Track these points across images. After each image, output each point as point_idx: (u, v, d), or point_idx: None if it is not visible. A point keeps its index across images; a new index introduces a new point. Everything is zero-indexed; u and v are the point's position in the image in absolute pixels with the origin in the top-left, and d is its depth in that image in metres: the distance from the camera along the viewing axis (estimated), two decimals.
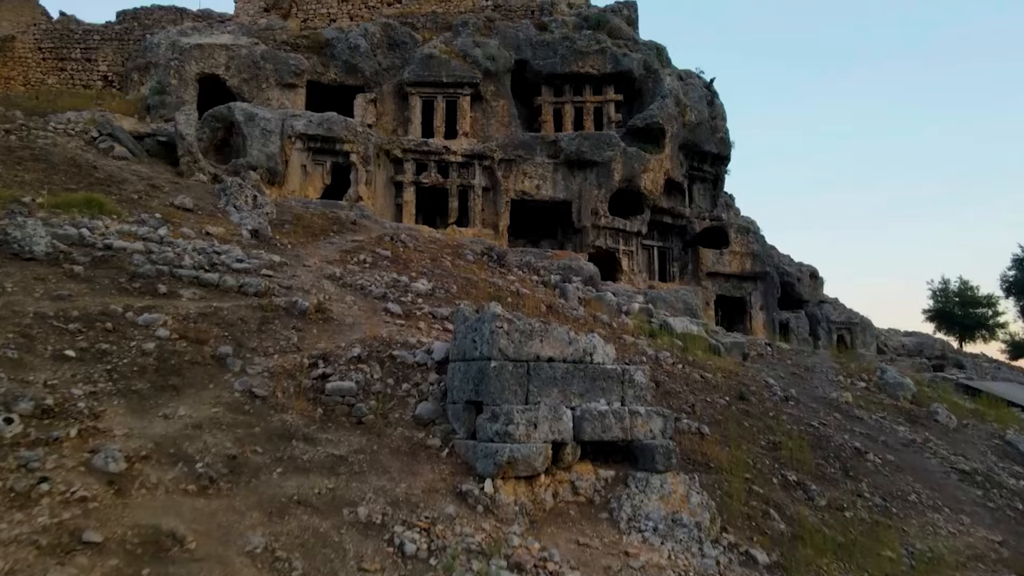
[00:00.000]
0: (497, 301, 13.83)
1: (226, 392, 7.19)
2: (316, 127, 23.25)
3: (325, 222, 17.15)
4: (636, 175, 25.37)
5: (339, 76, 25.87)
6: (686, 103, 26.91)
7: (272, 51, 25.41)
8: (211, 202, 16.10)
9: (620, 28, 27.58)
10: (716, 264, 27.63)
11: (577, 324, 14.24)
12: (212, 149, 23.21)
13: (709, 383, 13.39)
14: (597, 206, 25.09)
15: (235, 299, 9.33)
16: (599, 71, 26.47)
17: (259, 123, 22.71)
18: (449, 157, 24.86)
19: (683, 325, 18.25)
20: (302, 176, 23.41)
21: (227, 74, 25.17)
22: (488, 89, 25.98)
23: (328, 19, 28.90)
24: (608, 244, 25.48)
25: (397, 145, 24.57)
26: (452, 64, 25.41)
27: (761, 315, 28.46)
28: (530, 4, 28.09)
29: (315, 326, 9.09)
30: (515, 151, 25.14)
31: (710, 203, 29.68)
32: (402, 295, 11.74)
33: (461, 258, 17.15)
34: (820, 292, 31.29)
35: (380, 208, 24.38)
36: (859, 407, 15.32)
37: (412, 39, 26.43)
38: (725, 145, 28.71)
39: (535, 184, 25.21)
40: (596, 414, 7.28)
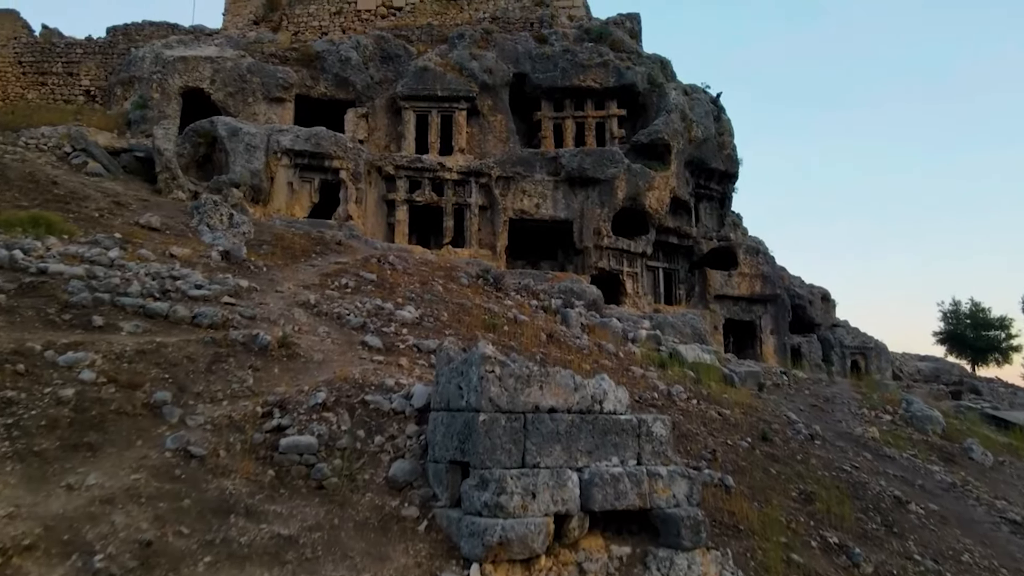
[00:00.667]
0: (493, 329, 12.54)
1: (155, 451, 5.86)
2: (303, 142, 22.06)
3: (307, 242, 15.89)
4: (640, 193, 24.16)
5: (329, 90, 24.74)
6: (692, 118, 25.77)
7: (259, 64, 24.30)
8: (183, 221, 14.85)
9: (623, 41, 26.51)
10: (724, 286, 26.35)
11: (581, 355, 12.94)
12: (194, 165, 22.01)
13: (728, 421, 12.07)
14: (600, 226, 23.84)
15: (185, 332, 8.03)
16: (601, 85, 25.36)
17: (243, 138, 21.53)
18: (444, 174, 23.66)
19: (694, 353, 16.94)
20: (288, 194, 22.17)
21: (212, 88, 24.03)
22: (485, 103, 24.84)
23: (320, 32, 27.86)
24: (611, 266, 24.21)
25: (389, 162, 23.38)
26: (448, 77, 24.28)
27: (772, 340, 27.13)
28: (529, 16, 27.05)
29: (277, 364, 7.77)
30: (513, 168, 23.95)
31: (717, 222, 28.46)
32: (384, 325, 10.44)
33: (454, 281, 15.86)
34: (832, 315, 30.00)
35: (371, 228, 23.14)
36: (888, 444, 14.02)
37: (406, 52, 25.34)
38: (732, 162, 27.55)
39: (534, 203, 23.99)
40: (608, 477, 5.95)
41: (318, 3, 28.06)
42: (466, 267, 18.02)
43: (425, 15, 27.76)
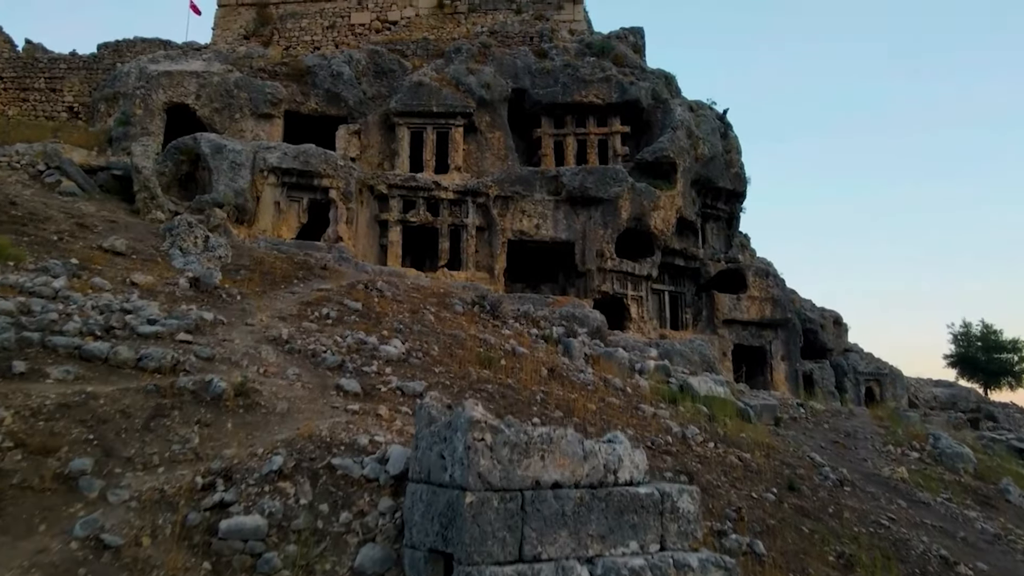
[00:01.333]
0: (488, 364, 11.34)
1: (58, 541, 4.67)
2: (291, 160, 20.98)
3: (290, 267, 14.73)
4: (645, 213, 23.06)
5: (320, 106, 23.72)
6: (698, 135, 24.73)
7: (247, 79, 23.30)
8: (153, 244, 13.70)
9: (626, 55, 25.54)
10: (733, 310, 25.18)
11: (586, 392, 11.74)
12: (176, 184, 20.92)
13: (749, 468, 10.86)
14: (603, 247, 22.72)
15: (125, 379, 6.85)
16: (604, 101, 24.34)
17: (227, 155, 20.45)
18: (439, 193, 22.57)
19: (706, 386, 15.73)
20: (275, 214, 21.06)
21: (197, 103, 23.01)
22: (483, 120, 23.81)
23: (312, 46, 26.91)
24: (615, 289, 23.05)
25: (382, 180, 22.29)
26: (443, 93, 23.27)
27: (783, 366, 25.92)
28: (528, 31, 26.10)
29: (231, 418, 6.59)
30: (512, 187, 22.86)
31: (724, 243, 27.36)
32: (366, 363, 9.25)
33: (448, 309, 14.69)
34: (844, 339, 28.81)
35: (362, 249, 22.00)
36: (919, 486, 12.81)
37: (401, 67, 24.36)
38: (741, 181, 26.49)
39: (534, 223, 22.87)
40: (627, 572, 4.76)
41: (310, 17, 27.13)
42: (461, 293, 16.87)
43: (421, 29, 26.82)
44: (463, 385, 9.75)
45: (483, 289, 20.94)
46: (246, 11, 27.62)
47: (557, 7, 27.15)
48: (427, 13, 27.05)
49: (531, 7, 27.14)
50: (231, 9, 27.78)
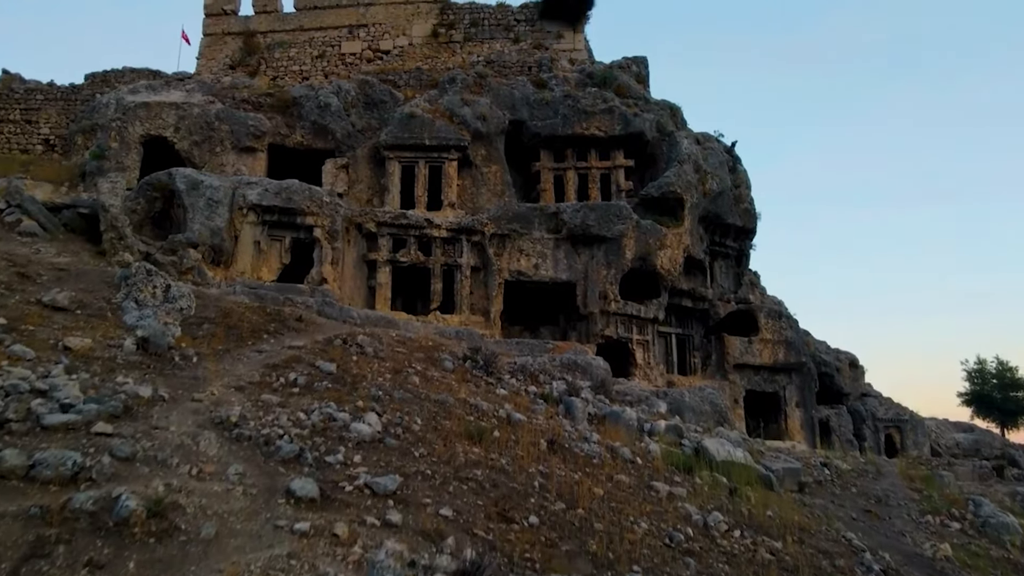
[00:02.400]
0: (479, 440, 9.81)
1: None
2: (273, 197, 19.62)
3: (260, 320, 13.25)
4: (651, 252, 21.65)
5: (306, 139, 22.43)
6: (706, 169, 23.42)
7: (229, 110, 22.03)
8: (105, 296, 12.23)
9: (629, 86, 24.33)
10: (745, 354, 23.66)
11: (591, 469, 10.18)
12: (148, 222, 19.54)
13: (784, 565, 9.26)
14: (606, 289, 21.27)
15: (6, 498, 5.34)
16: (606, 133, 23.07)
17: (204, 192, 19.08)
18: (432, 231, 21.17)
19: (723, 450, 14.15)
20: (255, 254, 19.64)
21: (175, 136, 21.73)
22: (478, 153, 22.51)
23: (300, 77, 25.71)
24: (619, 333, 21.57)
25: (370, 217, 20.91)
26: (437, 125, 21.98)
27: (798, 413, 24.33)
28: (527, 60, 24.92)
29: (136, 552, 5.05)
30: (509, 224, 21.48)
31: (733, 282, 25.93)
32: (331, 449, 7.73)
33: (436, 366, 13.20)
34: (861, 383, 27.26)
35: (349, 291, 20.56)
36: (966, 566, 11.22)
37: (392, 97, 23.11)
38: (750, 217, 25.14)
39: (533, 263, 21.44)
40: None
41: (299, 47, 25.98)
42: (452, 345, 15.40)
43: (415, 59, 25.65)
44: (447, 473, 8.22)
45: (476, 338, 19.46)
46: (232, 40, 26.49)
47: (557, 36, 26.02)
48: (421, 42, 25.91)
49: (529, 36, 26.01)
50: (217, 38, 26.65)
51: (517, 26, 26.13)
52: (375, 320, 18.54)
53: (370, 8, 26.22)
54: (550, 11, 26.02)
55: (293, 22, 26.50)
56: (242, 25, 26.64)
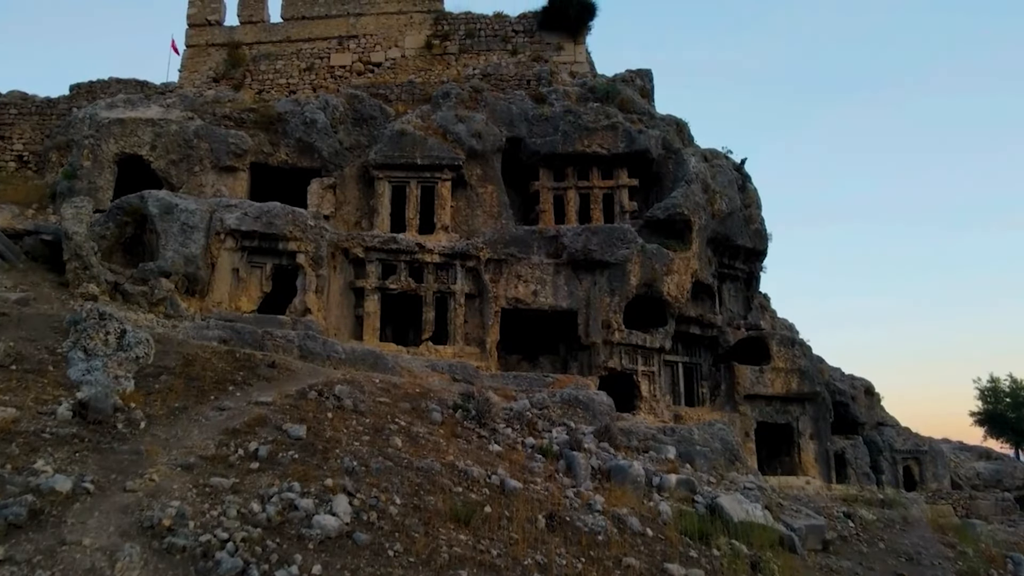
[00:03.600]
0: (467, 522, 8.50)
1: None
2: (252, 221, 18.32)
3: (228, 367, 11.92)
4: (657, 278, 20.35)
5: (291, 157, 21.14)
6: (715, 189, 22.13)
7: (208, 127, 20.74)
8: (49, 345, 10.91)
9: (633, 100, 23.06)
10: (756, 384, 22.32)
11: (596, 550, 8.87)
12: (119, 248, 18.25)
13: None
14: (610, 317, 19.95)
15: None
16: (609, 151, 21.78)
17: (178, 216, 17.79)
18: (424, 256, 19.87)
19: (741, 510, 12.80)
20: (233, 283, 18.33)
21: (152, 155, 20.44)
22: (473, 173, 21.22)
23: (287, 90, 24.45)
24: (624, 365, 20.24)
25: (358, 242, 19.60)
26: (429, 143, 20.70)
27: (812, 446, 22.98)
28: (525, 73, 23.64)
29: None
30: (506, 249, 20.18)
31: (743, 306, 24.62)
32: (285, 560, 6.40)
33: (423, 419, 11.88)
34: (877, 411, 25.92)
35: (335, 321, 19.25)
36: None
37: (382, 113, 21.83)
38: (761, 238, 23.83)
39: (531, 289, 20.14)
40: None
41: (286, 59, 24.72)
42: (442, 389, 14.07)
43: (407, 71, 24.38)
44: None
45: (471, 372, 18.19)
46: (216, 52, 25.23)
47: (556, 47, 24.76)
48: (414, 54, 24.65)
49: (528, 47, 24.75)
50: (200, 50, 25.40)
51: (515, 37, 24.89)
52: (361, 356, 17.23)
53: (360, 18, 24.98)
54: (550, 21, 24.77)
55: (280, 33, 25.26)
56: (227, 36, 25.40)
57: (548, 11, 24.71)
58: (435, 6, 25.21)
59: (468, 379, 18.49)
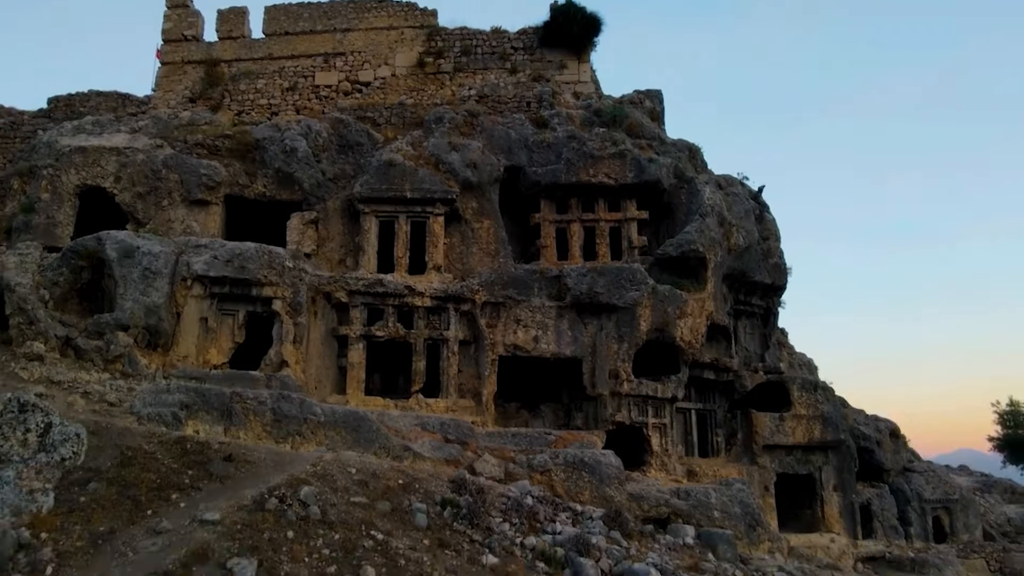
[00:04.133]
0: None
1: None
2: (223, 265, 16.54)
3: (174, 464, 10.12)
4: (670, 322, 18.57)
5: (269, 189, 19.35)
6: (731, 221, 20.33)
7: (179, 156, 18.96)
8: None
9: (642, 124, 21.26)
10: (775, 433, 20.54)
11: None
12: (75, 296, 16.46)
13: None
14: (618, 367, 18.18)
15: None
16: (616, 181, 20.00)
17: (140, 260, 16.01)
18: (414, 300, 18.09)
19: None
20: (201, 333, 16.55)
21: (116, 187, 18.67)
22: (468, 206, 19.43)
23: (269, 111, 22.66)
24: (633, 418, 18.46)
25: (341, 286, 17.81)
26: (420, 174, 18.91)
27: (836, 498, 21.20)
28: (525, 94, 21.82)
29: None
30: (505, 291, 18.41)
31: (760, 344, 22.82)
32: None
33: (406, 524, 10.09)
34: (903, 454, 24.13)
35: (315, 374, 17.46)
36: None
37: (370, 139, 20.05)
38: (780, 273, 22.04)
39: (532, 335, 18.36)
40: None
41: (268, 77, 22.91)
42: (428, 480, 12.24)
43: (398, 91, 22.57)
44: None
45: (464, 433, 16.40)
46: (193, 70, 23.43)
47: (559, 66, 22.94)
48: (405, 73, 22.83)
49: (528, 65, 22.92)
50: (176, 67, 23.60)
51: (514, 54, 23.06)
52: (342, 418, 15.45)
53: (348, 34, 23.17)
54: (552, 37, 22.94)
55: (261, 50, 23.44)
56: (204, 53, 23.59)
57: (550, 26, 22.88)
58: (428, 20, 23.40)
59: (462, 439, 16.72)
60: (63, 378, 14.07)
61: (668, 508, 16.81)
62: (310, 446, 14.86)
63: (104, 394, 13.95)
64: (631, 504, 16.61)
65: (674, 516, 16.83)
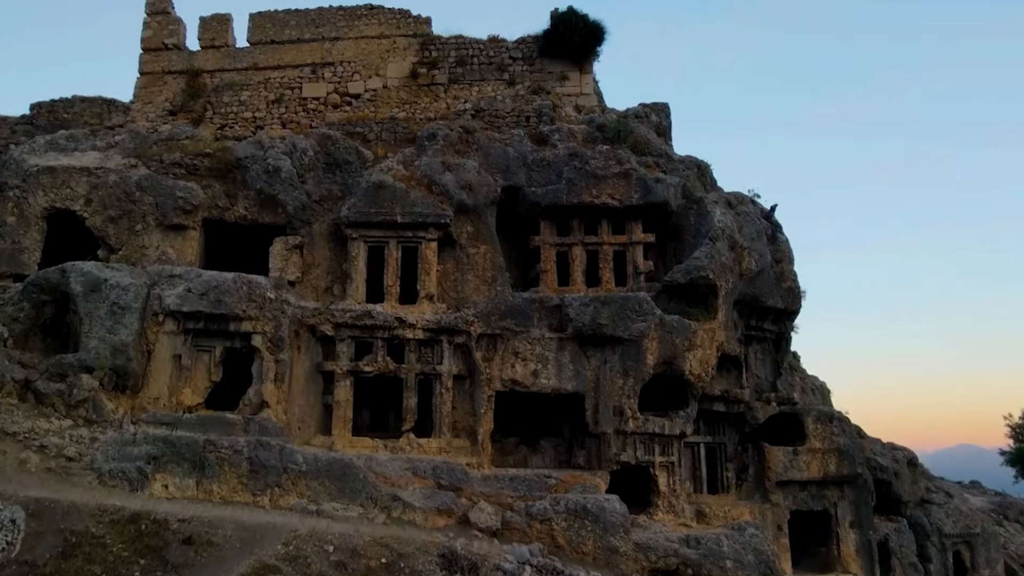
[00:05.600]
0: None
1: None
2: (197, 299, 15.36)
3: (126, 552, 8.96)
4: (678, 355, 17.41)
5: (251, 212, 18.15)
6: (742, 244, 19.15)
7: (154, 177, 17.76)
8: None
9: (648, 140, 20.04)
10: (789, 469, 19.38)
11: None
12: (37, 333, 15.31)
13: None
14: (623, 403, 17.04)
15: None
16: (621, 202, 18.79)
17: (107, 295, 14.83)
18: (405, 332, 16.92)
19: None
20: (175, 372, 15.37)
21: (87, 210, 17.47)
22: (463, 230, 18.24)
23: (254, 125, 21.43)
24: (639, 457, 17.31)
25: (327, 318, 16.64)
26: (412, 197, 17.70)
27: (852, 536, 20.06)
28: (524, 108, 20.57)
29: None
30: (502, 322, 17.24)
31: (772, 370, 21.65)
32: None
33: None
34: (921, 485, 22.97)
35: (299, 413, 16.29)
36: None
37: (359, 157, 18.86)
38: (794, 297, 20.86)
39: (531, 369, 17.20)
40: None
41: (252, 89, 21.66)
42: (419, 546, 11.10)
43: (389, 104, 21.34)
44: None
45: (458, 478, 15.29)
46: (173, 80, 22.19)
47: (560, 77, 21.68)
48: (398, 84, 21.58)
49: (528, 77, 21.67)
50: (156, 77, 22.35)
51: (513, 65, 21.80)
52: (326, 466, 14.33)
53: (337, 43, 21.91)
54: (552, 47, 21.67)
55: (246, 59, 22.19)
56: (186, 62, 22.34)
57: (550, 35, 21.61)
58: (422, 29, 22.13)
59: (456, 484, 15.60)
60: (19, 428, 12.92)
61: (677, 559, 15.69)
62: (290, 498, 13.78)
63: (63, 448, 12.79)
64: (638, 555, 15.52)
65: (683, 567, 15.74)
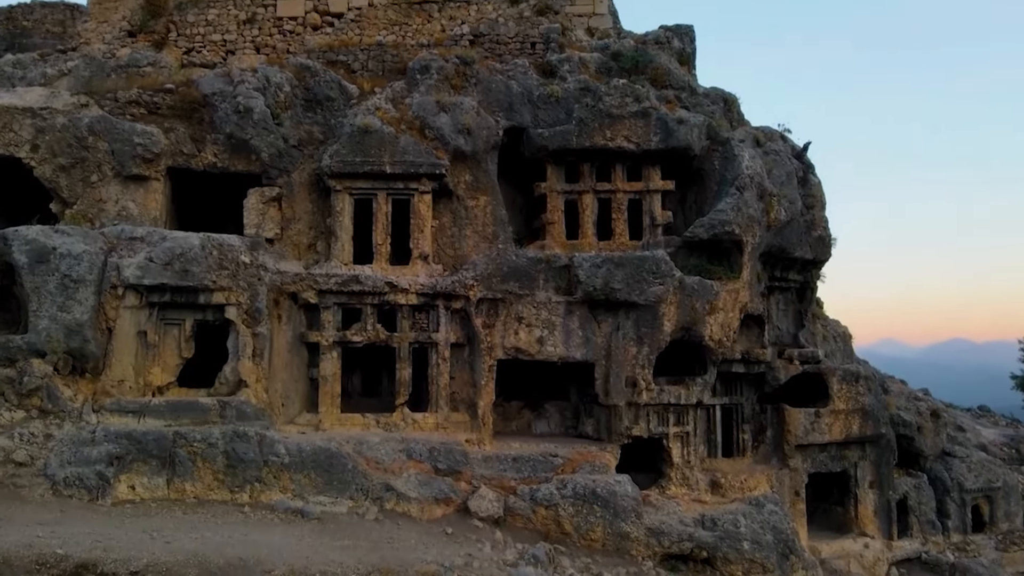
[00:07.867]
0: None
1: None
2: (161, 271, 13.58)
3: None
4: (698, 320, 15.84)
5: (221, 158, 16.06)
6: (772, 191, 17.19)
7: (108, 119, 15.60)
8: None
9: (669, 71, 17.71)
10: (811, 432, 18.16)
11: None
12: None
13: None
14: (636, 374, 15.60)
15: None
16: (638, 145, 16.71)
17: (58, 266, 13.08)
18: (397, 298, 15.25)
19: None
20: (141, 351, 13.80)
21: (33, 157, 15.38)
22: (461, 180, 16.24)
23: (224, 50, 18.99)
24: (652, 429, 16.03)
25: (309, 284, 14.93)
26: (402, 142, 15.61)
27: (871, 496, 19.18)
28: (529, 32, 18.07)
29: None
30: (504, 284, 15.54)
31: (793, 322, 20.13)
32: None
33: None
34: (943, 437, 21.90)
35: (281, 390, 14.84)
36: None
37: (342, 93, 16.62)
38: (824, 246, 19.09)
39: (536, 336, 15.65)
40: None
41: (220, 7, 19.03)
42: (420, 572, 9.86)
43: (376, 26, 18.79)
44: None
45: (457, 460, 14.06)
46: None
47: None
48: (385, 2, 18.96)
49: None
50: None
51: None
52: (311, 456, 13.05)
53: None
54: None
55: None
56: None
57: None
58: None
59: (454, 468, 14.41)
60: None
61: (692, 542, 14.69)
62: (272, 494, 12.58)
63: (11, 451, 11.40)
64: (649, 541, 14.49)
65: (698, 550, 14.78)
